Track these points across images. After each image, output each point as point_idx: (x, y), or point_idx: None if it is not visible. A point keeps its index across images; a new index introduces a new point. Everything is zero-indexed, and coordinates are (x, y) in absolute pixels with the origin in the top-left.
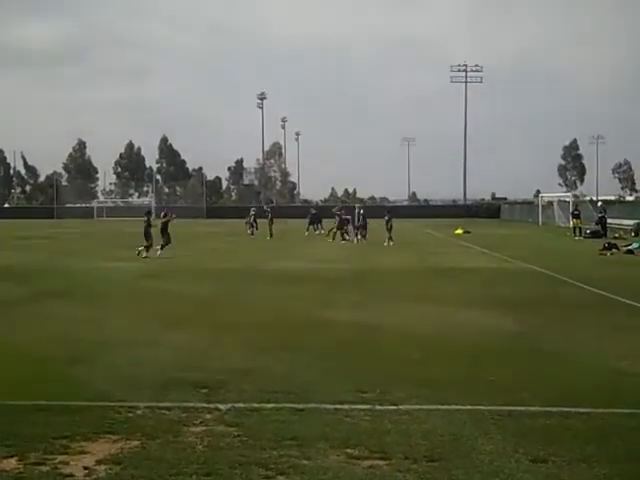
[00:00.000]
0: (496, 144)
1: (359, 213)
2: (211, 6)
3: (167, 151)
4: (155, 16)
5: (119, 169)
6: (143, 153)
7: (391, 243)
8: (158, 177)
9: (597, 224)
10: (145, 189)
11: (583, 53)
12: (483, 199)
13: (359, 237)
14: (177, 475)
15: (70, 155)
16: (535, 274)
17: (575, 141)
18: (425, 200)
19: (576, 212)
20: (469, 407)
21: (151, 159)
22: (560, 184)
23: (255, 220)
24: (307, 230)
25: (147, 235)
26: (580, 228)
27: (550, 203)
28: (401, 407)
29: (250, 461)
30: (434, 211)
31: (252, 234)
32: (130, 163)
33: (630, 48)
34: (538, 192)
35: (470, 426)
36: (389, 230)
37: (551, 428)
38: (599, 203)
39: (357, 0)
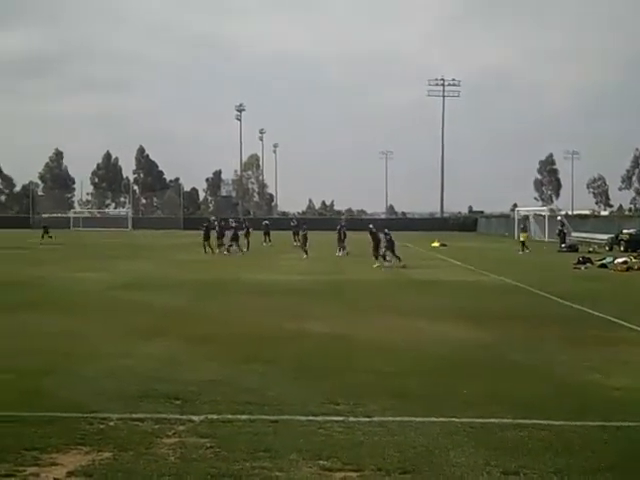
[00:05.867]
0: (474, 158)
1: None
2: (190, 19)
3: (144, 162)
4: (133, 28)
5: (96, 180)
6: (120, 164)
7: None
8: (135, 188)
9: (558, 236)
10: (122, 199)
11: (561, 69)
12: (460, 212)
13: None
14: None
15: (47, 165)
16: (510, 287)
17: (551, 156)
18: (403, 213)
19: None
20: (442, 419)
21: (128, 170)
22: (536, 198)
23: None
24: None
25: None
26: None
27: (526, 217)
28: (374, 419)
29: (222, 473)
30: (412, 224)
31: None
32: (107, 174)
33: (607, 66)
34: (515, 206)
35: (443, 438)
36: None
37: (523, 440)
38: (558, 217)
39: (336, 18)
